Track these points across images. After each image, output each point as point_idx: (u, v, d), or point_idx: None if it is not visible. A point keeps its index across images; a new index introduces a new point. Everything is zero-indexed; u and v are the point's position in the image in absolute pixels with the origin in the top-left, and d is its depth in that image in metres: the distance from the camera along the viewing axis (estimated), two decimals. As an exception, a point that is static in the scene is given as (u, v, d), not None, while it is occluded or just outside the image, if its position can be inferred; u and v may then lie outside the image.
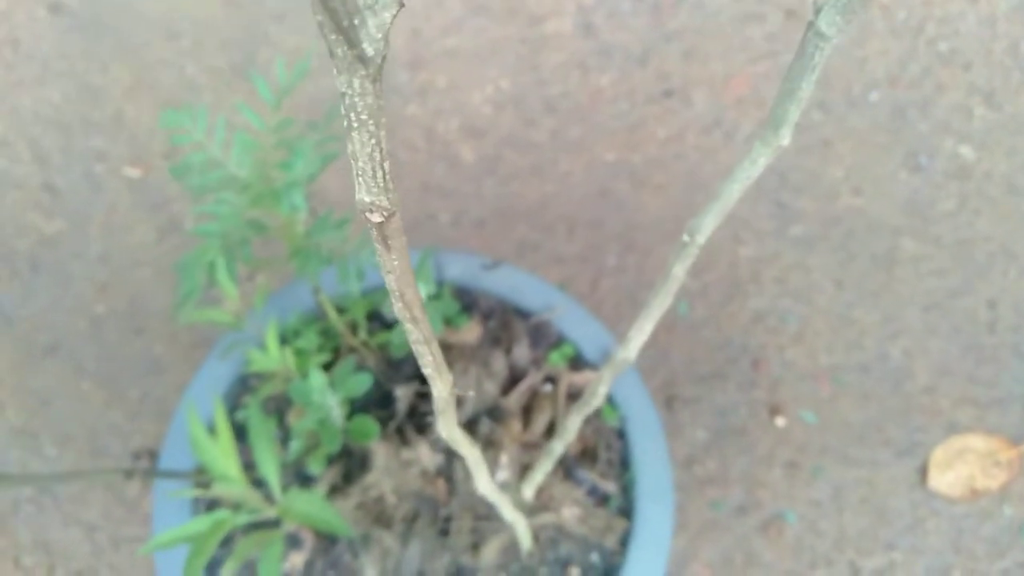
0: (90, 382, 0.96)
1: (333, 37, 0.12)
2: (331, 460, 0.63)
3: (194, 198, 0.73)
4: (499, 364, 0.67)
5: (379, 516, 0.61)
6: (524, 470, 0.63)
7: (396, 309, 0.21)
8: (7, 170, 1.06)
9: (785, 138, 0.26)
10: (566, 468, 0.65)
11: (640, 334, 0.38)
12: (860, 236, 1.04)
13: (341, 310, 0.66)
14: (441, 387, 0.26)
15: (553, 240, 1.03)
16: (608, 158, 1.07)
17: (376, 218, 0.17)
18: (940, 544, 0.91)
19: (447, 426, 0.29)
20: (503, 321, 0.69)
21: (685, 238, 0.30)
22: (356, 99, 0.14)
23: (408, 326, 0.22)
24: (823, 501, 0.93)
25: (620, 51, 1.13)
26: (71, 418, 0.95)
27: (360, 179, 0.16)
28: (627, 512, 0.65)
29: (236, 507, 0.55)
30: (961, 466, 0.95)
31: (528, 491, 0.60)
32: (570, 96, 1.11)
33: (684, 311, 1.00)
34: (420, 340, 0.23)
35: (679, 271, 0.32)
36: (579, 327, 0.70)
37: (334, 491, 0.61)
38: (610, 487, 0.65)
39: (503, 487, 0.61)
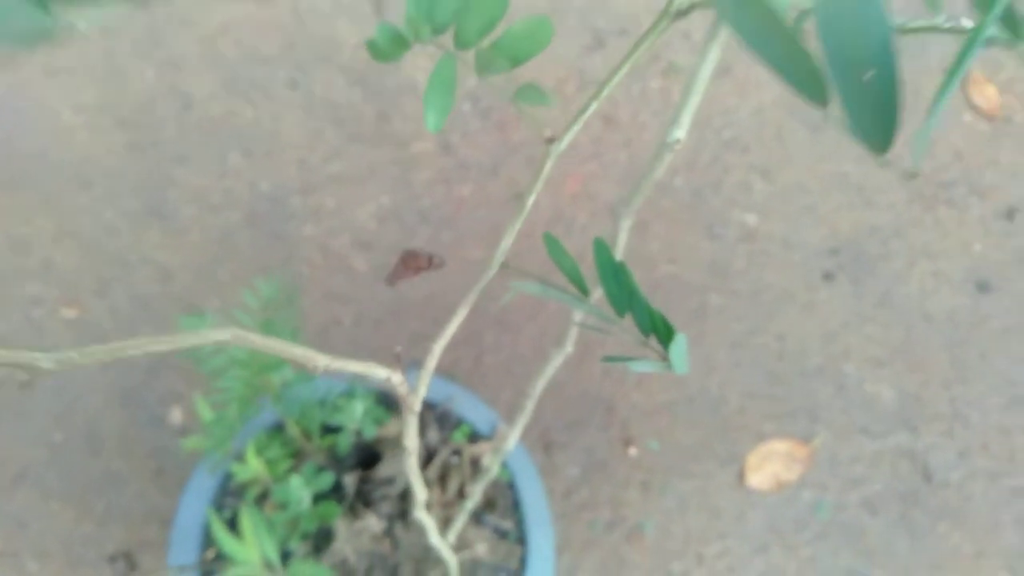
0: (58, 501, 1.16)
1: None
2: (304, 537, 0.88)
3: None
4: (418, 447, 0.94)
5: (345, 573, 0.87)
6: (446, 522, 0.91)
7: (407, 465, 0.48)
8: (-50, 323, 1.24)
9: (569, 347, 0.55)
10: (475, 516, 0.93)
11: (513, 437, 0.66)
12: (677, 296, 1.38)
13: (297, 422, 0.91)
14: (420, 493, 0.53)
15: (440, 330, 1.31)
16: (476, 256, 1.37)
17: (407, 458, 0.44)
18: (759, 528, 1.25)
19: (419, 509, 0.56)
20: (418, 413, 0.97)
21: (525, 401, 0.59)
22: (407, 440, 0.41)
23: (411, 479, 0.49)
24: (671, 509, 1.25)
25: (475, 165, 1.44)
26: (47, 535, 1.14)
27: (411, 477, 0.43)
28: (522, 540, 0.93)
29: (247, 582, 0.80)
30: (768, 466, 1.29)
31: (451, 537, 0.87)
32: (439, 207, 1.40)
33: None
34: (415, 477, 0.50)
35: (527, 412, 0.61)
36: (472, 410, 0.99)
37: (312, 559, 0.86)
38: (507, 525, 0.93)
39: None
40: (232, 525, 0.90)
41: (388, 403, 0.97)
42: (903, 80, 0.17)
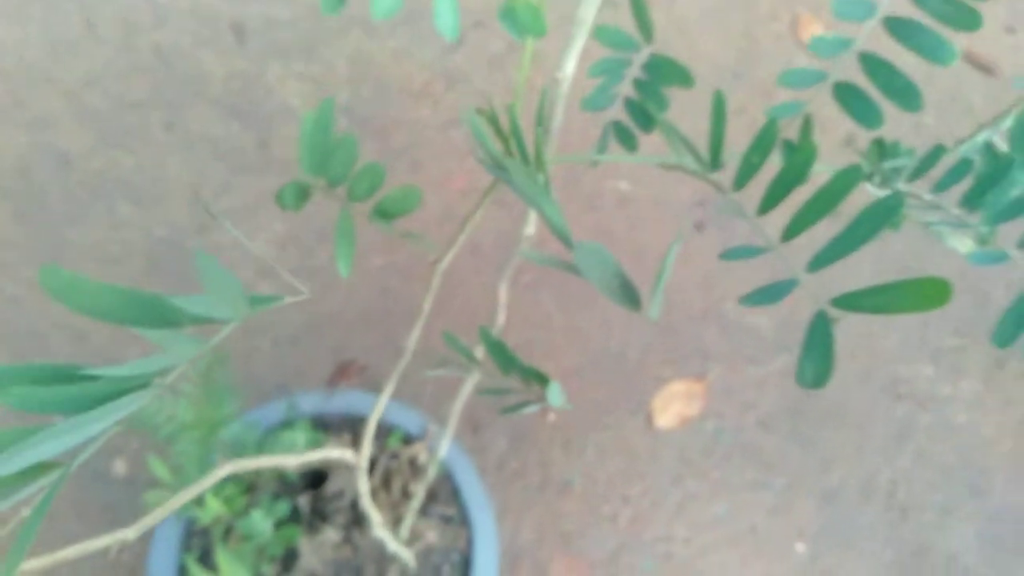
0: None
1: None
2: (272, 560, 0.99)
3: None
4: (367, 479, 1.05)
5: (315, 583, 0.98)
6: (396, 520, 1.03)
7: (364, 503, 0.59)
8: None
9: (476, 375, 0.67)
10: (422, 509, 1.05)
11: (444, 445, 0.78)
12: (569, 269, 1.52)
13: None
14: (375, 517, 0.64)
15: (357, 337, 1.42)
16: (378, 263, 1.47)
17: (363, 498, 0.54)
18: (672, 462, 1.42)
19: (377, 525, 0.67)
20: (351, 429, 1.08)
21: (449, 419, 0.71)
22: (361, 484, 0.52)
23: (368, 509, 0.60)
24: (593, 461, 1.40)
25: (361, 177, 1.52)
26: (17, 605, 1.20)
27: (367, 507, 0.54)
28: (466, 522, 1.06)
29: (230, 611, 0.90)
30: (672, 406, 1.46)
31: (404, 532, 0.99)
32: (334, 224, 1.48)
33: (466, 361, 1.43)
34: (370, 507, 0.61)
35: (453, 426, 0.73)
36: (400, 415, 1.10)
37: (283, 578, 0.97)
38: (451, 511, 1.06)
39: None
40: (202, 563, 1.00)
41: (325, 426, 1.07)
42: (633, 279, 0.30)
